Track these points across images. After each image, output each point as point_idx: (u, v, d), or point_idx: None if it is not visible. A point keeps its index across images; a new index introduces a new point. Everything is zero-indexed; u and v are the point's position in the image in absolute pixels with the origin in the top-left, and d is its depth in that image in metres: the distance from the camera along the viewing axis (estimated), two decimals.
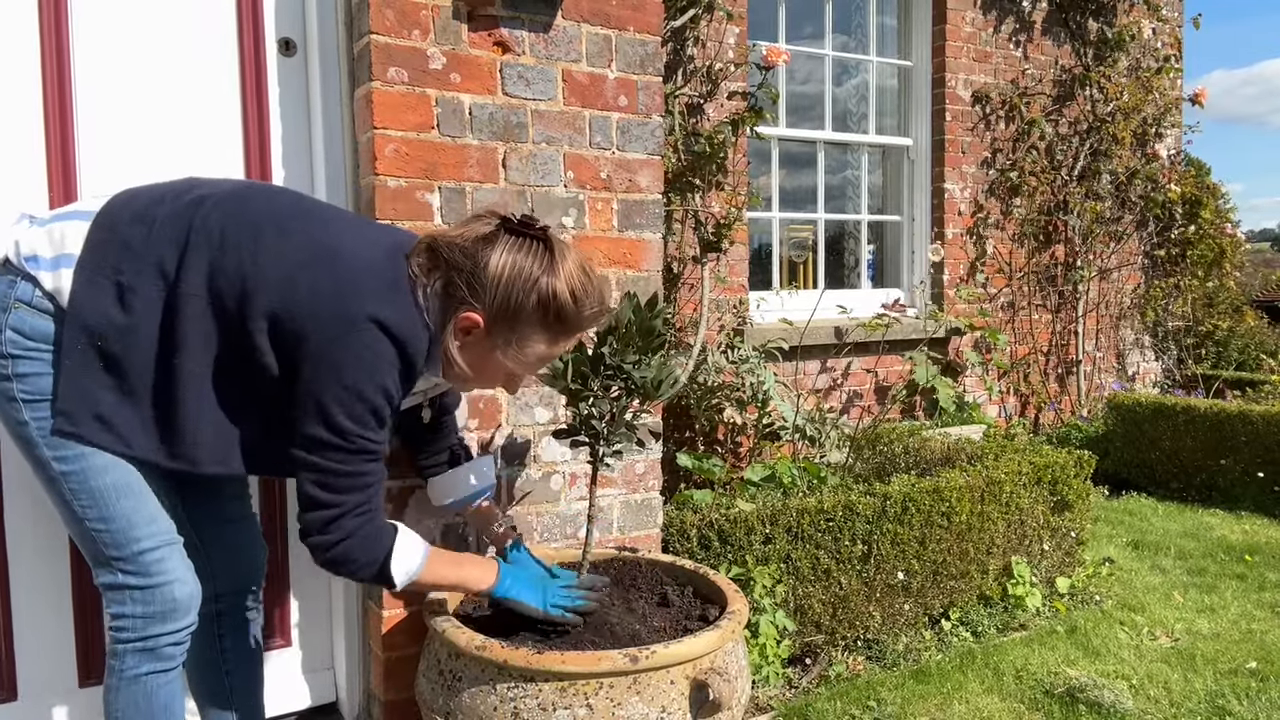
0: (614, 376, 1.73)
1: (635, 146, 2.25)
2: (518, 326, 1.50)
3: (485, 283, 1.46)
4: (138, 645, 1.54)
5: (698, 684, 1.59)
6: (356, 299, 1.43)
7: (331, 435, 1.43)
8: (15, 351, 1.46)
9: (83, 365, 1.45)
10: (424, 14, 1.97)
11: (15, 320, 1.45)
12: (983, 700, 2.43)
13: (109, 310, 1.44)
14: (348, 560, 1.50)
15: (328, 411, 1.42)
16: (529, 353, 1.53)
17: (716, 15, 3.82)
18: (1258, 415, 4.18)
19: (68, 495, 1.50)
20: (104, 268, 1.45)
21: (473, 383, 1.62)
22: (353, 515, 1.48)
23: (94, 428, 1.46)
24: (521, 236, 1.49)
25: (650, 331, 1.69)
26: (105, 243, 1.46)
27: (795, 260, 4.83)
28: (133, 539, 1.52)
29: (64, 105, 1.91)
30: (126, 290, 1.44)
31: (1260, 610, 3.06)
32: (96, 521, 1.51)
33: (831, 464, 3.41)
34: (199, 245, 1.45)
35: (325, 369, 1.42)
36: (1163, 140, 5.62)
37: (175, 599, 1.55)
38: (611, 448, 1.78)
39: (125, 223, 1.47)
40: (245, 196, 1.54)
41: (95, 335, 1.44)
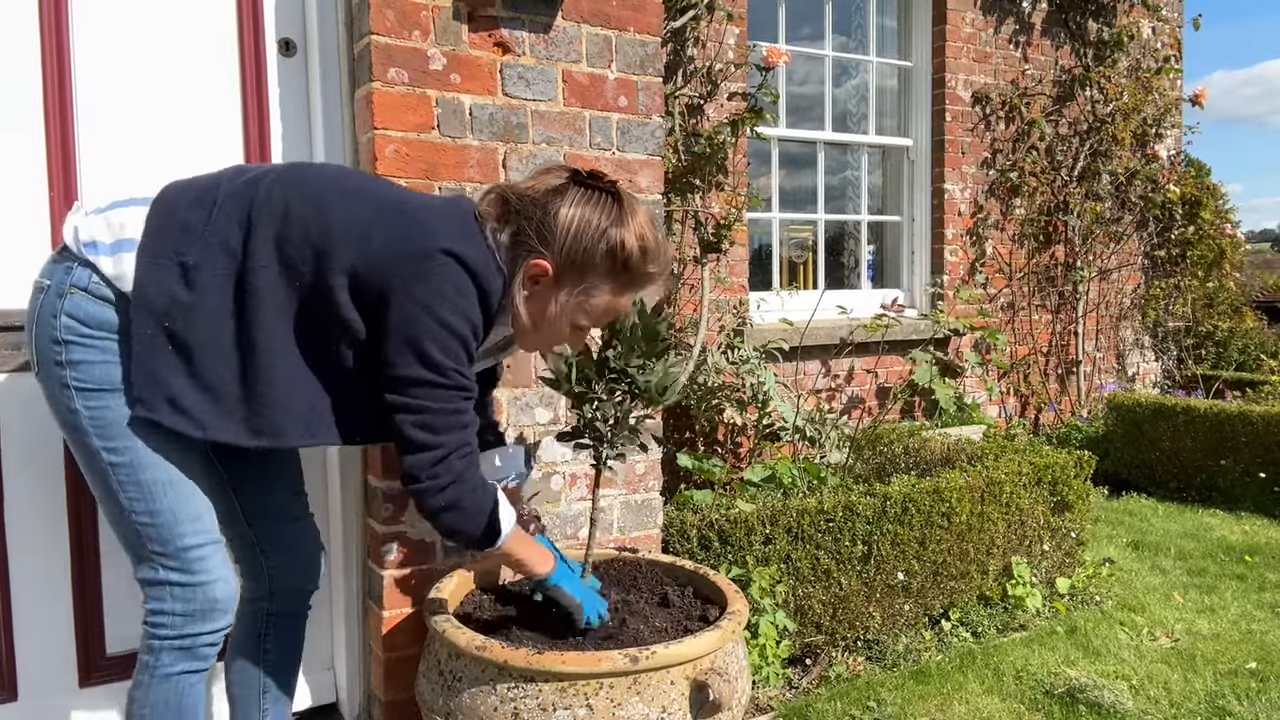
0: (618, 380, 1.73)
1: (635, 147, 2.26)
2: (586, 275, 1.52)
3: (555, 231, 1.49)
4: (174, 643, 1.53)
5: (698, 684, 1.59)
6: (429, 237, 1.46)
7: (427, 371, 1.44)
8: (70, 338, 1.45)
9: (152, 349, 1.44)
10: (424, 15, 1.97)
11: (71, 306, 1.45)
12: (983, 701, 2.43)
13: (173, 289, 1.43)
14: (458, 506, 1.50)
15: (421, 347, 1.43)
16: (595, 303, 1.55)
17: (716, 16, 3.82)
18: (1258, 416, 4.18)
19: (115, 487, 1.48)
20: (165, 250, 1.45)
21: (537, 335, 1.60)
22: (457, 457, 1.49)
23: (167, 411, 1.44)
24: (591, 189, 1.52)
25: (655, 336, 1.70)
26: (164, 226, 1.46)
27: (795, 261, 4.83)
28: (178, 534, 1.51)
29: (64, 105, 1.91)
30: (191, 269, 1.44)
31: (1260, 610, 3.06)
32: (143, 515, 1.49)
33: (831, 464, 3.41)
34: (262, 220, 1.46)
35: (412, 306, 1.43)
36: (1163, 141, 5.62)
37: (216, 598, 1.54)
38: (614, 451, 1.78)
39: (184, 207, 1.48)
40: (299, 172, 1.56)
41: (161, 317, 1.43)
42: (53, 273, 1.49)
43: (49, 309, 1.46)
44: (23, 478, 1.90)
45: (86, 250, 1.47)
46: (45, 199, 1.90)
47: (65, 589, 1.95)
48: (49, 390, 1.49)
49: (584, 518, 2.25)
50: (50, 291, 1.47)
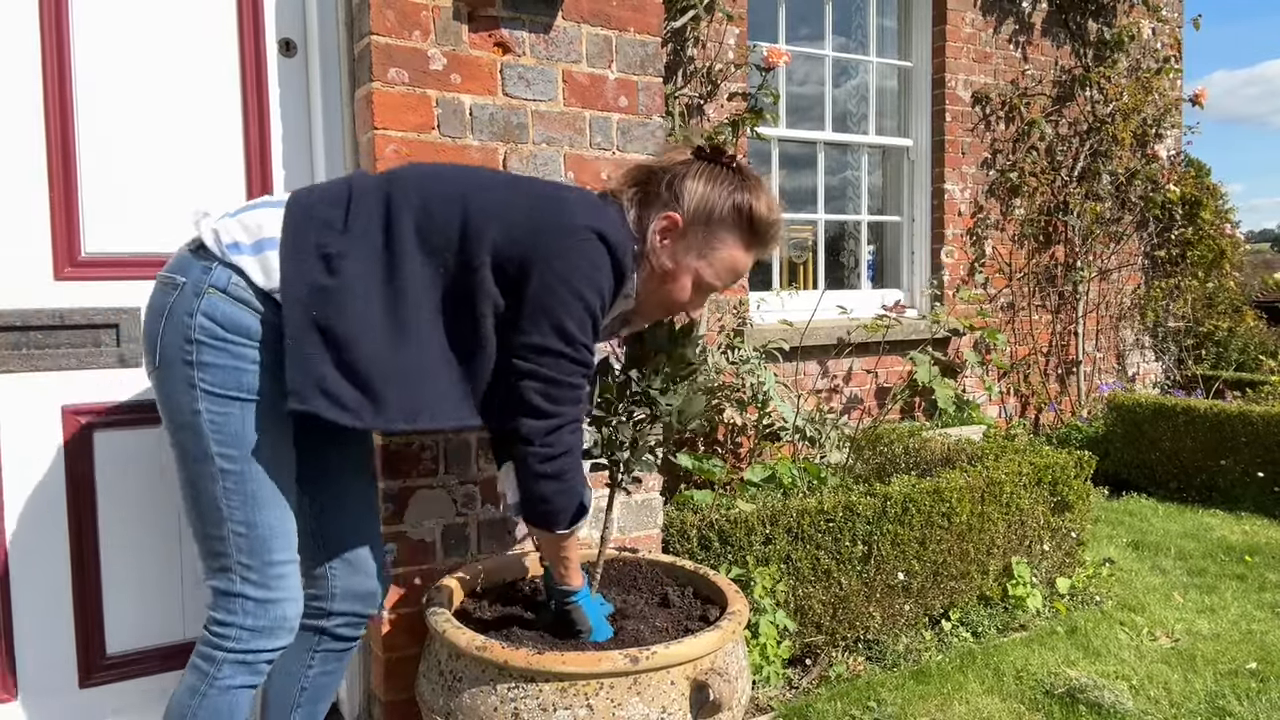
0: (639, 403, 1.73)
1: (635, 147, 2.25)
2: (712, 226, 1.61)
3: (684, 191, 1.60)
4: (238, 658, 1.51)
5: (698, 684, 1.59)
6: (570, 214, 1.54)
7: (558, 341, 1.50)
8: (203, 338, 1.43)
9: (303, 342, 1.44)
10: (424, 15, 1.97)
11: (208, 306, 1.44)
12: (983, 701, 2.43)
13: (317, 278, 1.45)
14: (561, 477, 1.54)
15: (556, 317, 1.49)
16: (720, 256, 1.64)
17: (717, 16, 3.82)
18: (1258, 416, 4.18)
19: (219, 493, 1.46)
20: (307, 245, 1.47)
21: (660, 292, 1.66)
22: (569, 430, 1.54)
23: (323, 403, 1.44)
24: (715, 163, 1.64)
25: (683, 360, 1.73)
26: (304, 223, 1.49)
27: (795, 261, 4.83)
28: (268, 549, 1.50)
29: (64, 105, 1.91)
30: (334, 258, 1.46)
31: (1260, 611, 3.06)
32: (240, 525, 1.48)
33: (832, 464, 3.41)
34: (401, 210, 1.50)
35: (552, 278, 1.49)
36: (1162, 141, 5.62)
37: (287, 617, 1.54)
38: (630, 475, 1.78)
39: (321, 205, 1.52)
40: (429, 168, 1.65)
41: (308, 305, 1.44)
42: (188, 270, 1.47)
43: (184, 307, 1.44)
44: (23, 478, 1.90)
45: (230, 251, 1.46)
46: (45, 199, 1.90)
47: (65, 589, 1.95)
48: (169, 388, 1.46)
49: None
50: (186, 289, 1.45)
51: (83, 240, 1.93)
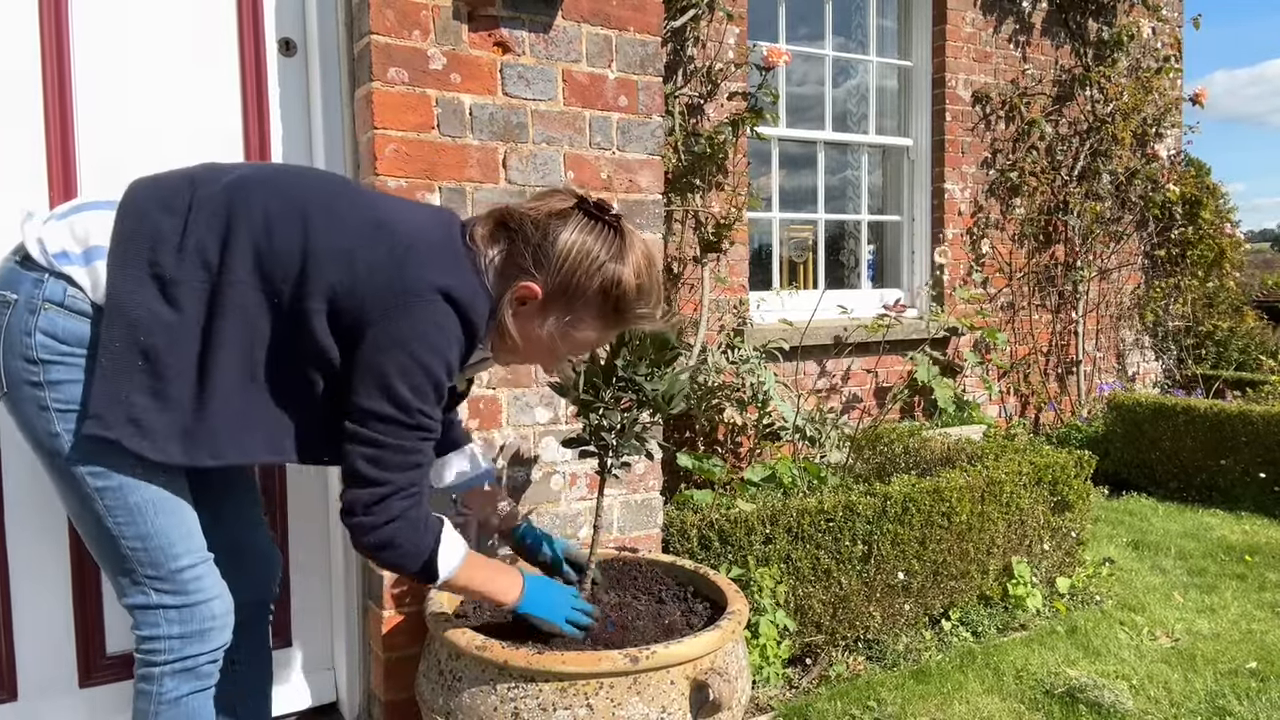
0: (625, 388, 1.73)
1: (635, 147, 2.25)
2: (575, 306, 1.48)
3: (551, 257, 1.45)
4: (176, 667, 1.47)
5: (698, 684, 1.59)
6: (418, 269, 1.40)
7: (392, 408, 1.39)
8: (46, 357, 1.36)
9: (121, 363, 1.35)
10: (424, 14, 1.97)
11: (45, 323, 1.36)
12: (983, 700, 2.43)
13: (154, 306, 1.36)
14: (393, 545, 1.43)
15: (390, 383, 1.38)
16: (578, 335, 1.52)
17: (716, 15, 3.82)
18: (1258, 415, 4.18)
19: (102, 512, 1.41)
20: (138, 260, 1.36)
21: (514, 355, 1.58)
22: (400, 497, 1.42)
23: (128, 431, 1.36)
24: (596, 220, 1.49)
25: (664, 344, 1.70)
26: (135, 232, 1.37)
27: (795, 260, 4.83)
28: (171, 556, 1.45)
29: (64, 106, 1.91)
30: (169, 284, 1.36)
31: (1260, 610, 3.06)
32: (134, 540, 1.43)
33: (832, 464, 3.41)
34: (241, 231, 1.39)
35: (389, 341, 1.38)
36: (1163, 140, 5.62)
37: (214, 616, 1.50)
38: (620, 459, 1.78)
39: (155, 211, 1.39)
40: (281, 181, 1.47)
41: (139, 330, 1.35)
42: (18, 284, 1.37)
43: (20, 326, 1.36)
44: (22, 477, 1.90)
45: (58, 261, 1.37)
46: (45, 199, 1.90)
47: (65, 588, 1.95)
48: (23, 412, 1.40)
49: (583, 517, 2.24)
50: (19, 307, 1.36)
51: None
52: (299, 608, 2.21)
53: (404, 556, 1.46)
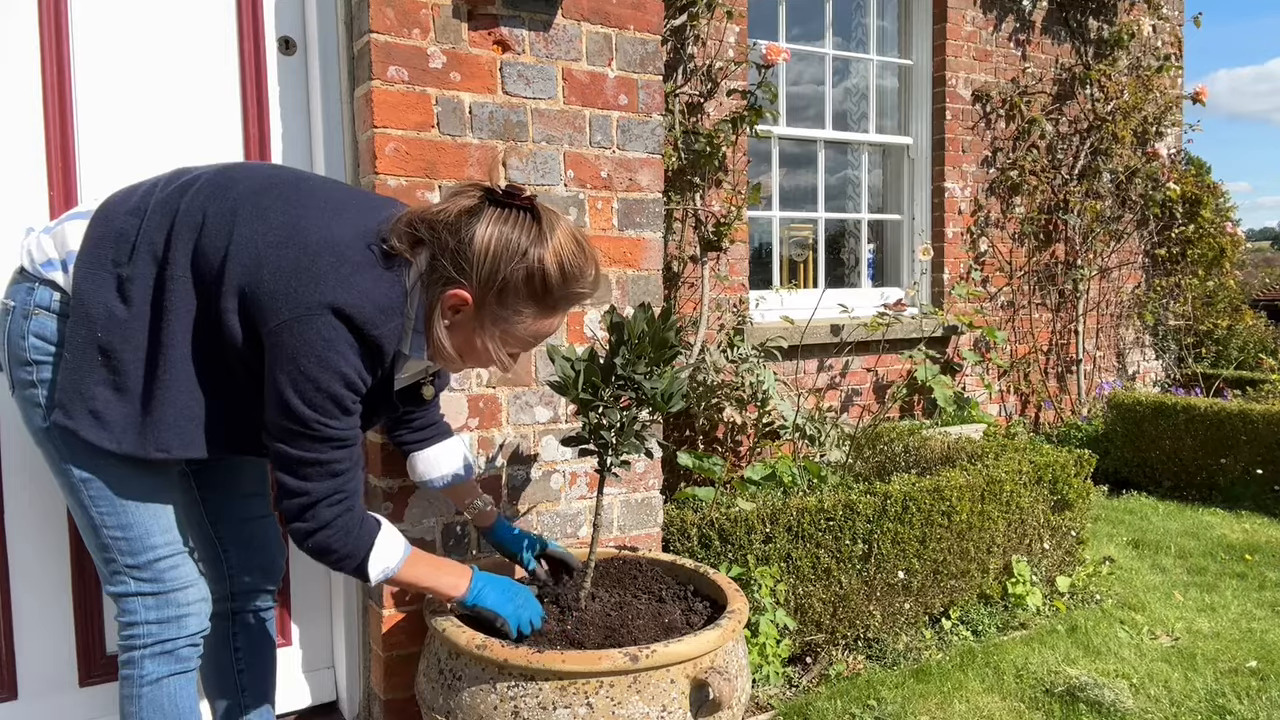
0: (625, 387, 1.73)
1: (635, 145, 2.25)
2: (506, 301, 1.43)
3: (471, 259, 1.39)
4: (154, 650, 1.54)
5: (698, 683, 1.59)
6: (312, 283, 1.38)
7: (291, 422, 1.39)
8: (39, 358, 1.47)
9: (82, 358, 1.44)
10: (424, 13, 1.97)
11: (37, 326, 1.47)
12: (983, 699, 2.43)
13: (110, 303, 1.43)
14: (327, 550, 1.47)
15: (285, 398, 1.38)
16: (519, 329, 1.47)
17: (717, 14, 3.81)
18: (1258, 414, 4.18)
19: (87, 502, 1.50)
20: (104, 261, 1.44)
21: (463, 363, 1.53)
22: (326, 505, 1.44)
23: (88, 423, 1.44)
24: (507, 208, 1.42)
25: (664, 343, 1.70)
26: (102, 236, 1.46)
27: (795, 259, 4.83)
28: (149, 547, 1.53)
29: (64, 105, 1.91)
30: (125, 281, 1.44)
31: (1260, 609, 3.06)
32: (115, 529, 1.51)
33: (831, 463, 3.41)
34: (183, 229, 1.44)
35: (282, 354, 1.38)
36: (1163, 139, 5.62)
37: (187, 603, 1.56)
38: (619, 458, 1.78)
39: (121, 215, 1.47)
40: (229, 177, 1.50)
41: (96, 326, 1.43)
42: (16, 294, 1.50)
43: (16, 331, 1.48)
44: (22, 477, 1.90)
45: (44, 269, 1.48)
46: (45, 199, 1.90)
47: (65, 588, 1.95)
48: (24, 410, 1.51)
49: (583, 516, 2.25)
50: (15, 313, 1.49)
51: None
52: (299, 606, 2.21)
53: (340, 561, 1.50)
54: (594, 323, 2.23)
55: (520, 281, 1.41)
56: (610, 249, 2.23)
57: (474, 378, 2.08)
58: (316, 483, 1.43)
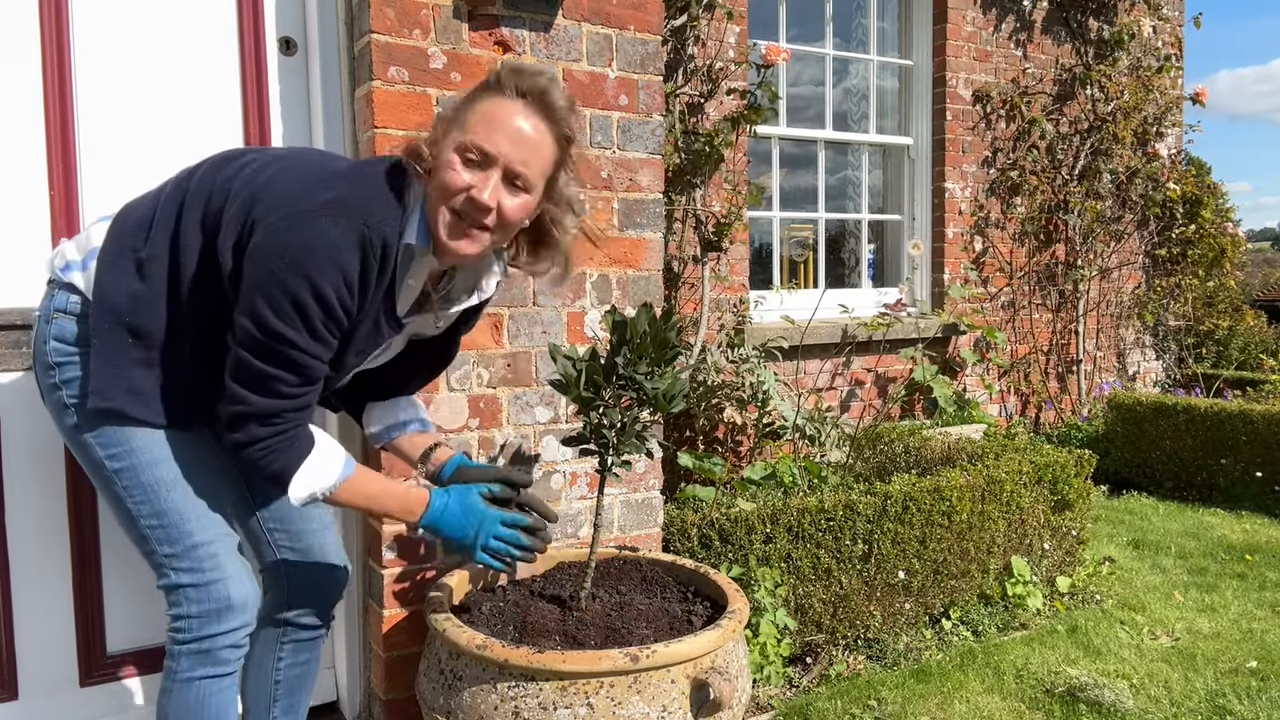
0: (626, 387, 1.73)
1: (636, 146, 2.25)
2: (465, 101, 1.47)
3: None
4: (193, 647, 1.51)
5: (698, 683, 1.59)
6: (311, 184, 1.40)
7: (248, 323, 1.36)
8: (58, 360, 1.49)
9: (112, 342, 1.46)
10: (425, 13, 1.97)
11: (56, 330, 1.50)
12: (983, 699, 2.43)
13: (130, 285, 1.46)
14: (254, 467, 1.44)
15: (251, 299, 1.36)
16: (473, 111, 1.44)
17: (717, 14, 3.81)
18: (1258, 415, 4.18)
19: (121, 493, 1.49)
20: (125, 250, 1.48)
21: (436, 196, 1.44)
22: (259, 423, 1.40)
23: (128, 400, 1.45)
24: None
25: (665, 343, 1.70)
26: (123, 230, 1.51)
27: (796, 259, 4.83)
28: (185, 533, 1.50)
29: (64, 105, 1.91)
30: (145, 262, 1.47)
31: (1261, 609, 3.06)
32: (150, 518, 1.49)
33: (832, 463, 3.41)
34: (193, 202, 1.47)
35: (260, 253, 1.36)
36: (1163, 139, 5.62)
37: (228, 596, 1.51)
38: (620, 458, 1.78)
39: (141, 206, 1.53)
40: (238, 150, 1.56)
41: (119, 312, 1.45)
42: (42, 303, 1.55)
43: (41, 337, 1.52)
44: (24, 477, 1.90)
45: (63, 273, 1.52)
46: (45, 199, 1.90)
47: (66, 588, 1.95)
48: (54, 414, 1.53)
49: (584, 516, 2.25)
50: (41, 320, 1.53)
51: None
52: None
53: (269, 479, 1.47)
54: (595, 323, 2.23)
55: (464, 96, 1.48)
56: (611, 249, 2.23)
57: (474, 378, 2.08)
58: (259, 397, 1.39)
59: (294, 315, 1.35)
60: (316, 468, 1.48)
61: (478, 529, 1.60)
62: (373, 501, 1.57)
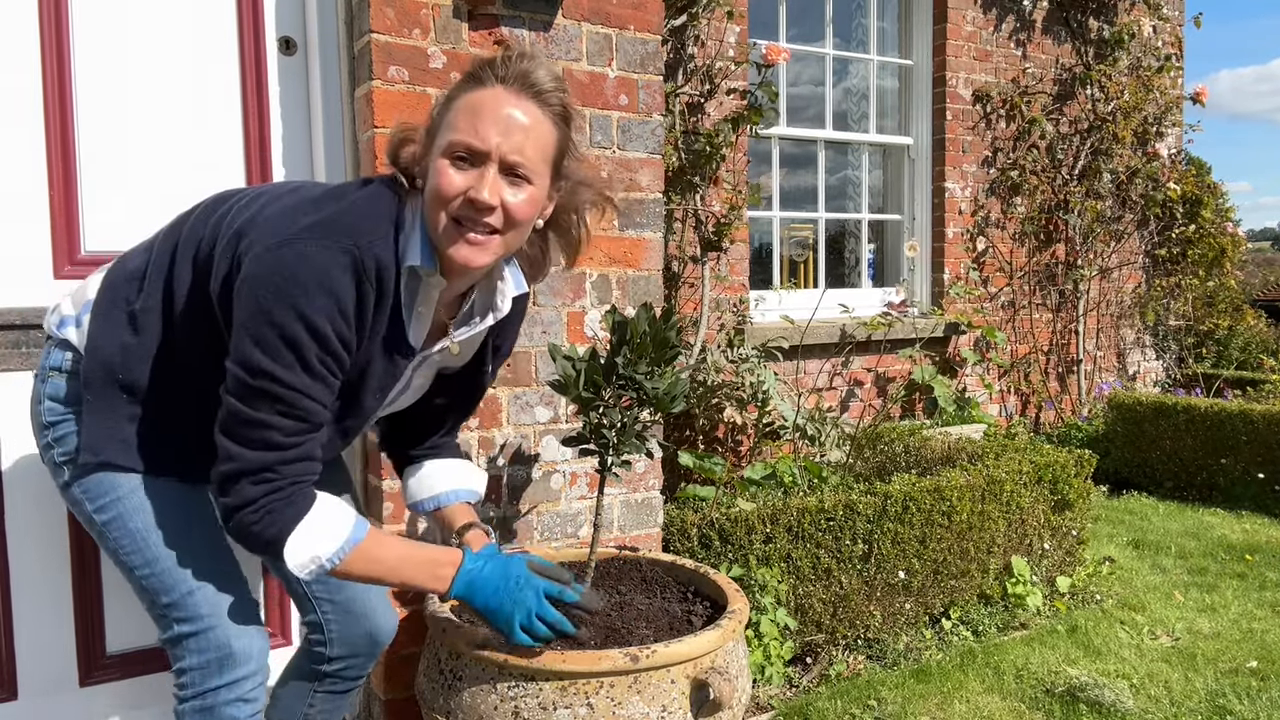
0: (626, 387, 1.72)
1: (636, 145, 2.25)
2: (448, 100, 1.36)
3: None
4: (195, 704, 1.40)
5: (698, 683, 1.59)
6: (296, 211, 1.30)
7: (235, 365, 1.24)
8: (51, 419, 1.44)
9: (104, 398, 1.40)
10: (424, 13, 1.97)
11: (51, 389, 1.45)
12: (983, 699, 2.43)
13: (123, 337, 1.41)
14: (246, 535, 1.28)
15: (238, 339, 1.24)
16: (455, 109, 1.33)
17: (717, 14, 3.81)
18: (1258, 414, 4.18)
19: (114, 546, 1.41)
20: (118, 301, 1.43)
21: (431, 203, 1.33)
22: (252, 481, 1.25)
23: (118, 450, 1.39)
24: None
25: (665, 343, 1.70)
26: (116, 280, 1.46)
27: (796, 259, 4.83)
28: (180, 579, 1.40)
29: (64, 105, 1.90)
30: (139, 314, 1.41)
31: (1261, 609, 3.06)
32: (143, 568, 1.40)
33: (832, 463, 3.41)
34: (185, 251, 1.40)
35: (245, 288, 1.25)
36: (1163, 139, 5.62)
37: (228, 644, 1.39)
38: (620, 457, 1.78)
39: (134, 255, 1.48)
40: (229, 190, 1.49)
41: (112, 366, 1.39)
42: (41, 359, 1.49)
43: (36, 397, 1.47)
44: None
45: (58, 330, 1.47)
46: (45, 197, 1.90)
47: (65, 587, 1.95)
48: (51, 473, 1.47)
49: (584, 516, 2.25)
50: (37, 380, 1.48)
51: (83, 239, 1.93)
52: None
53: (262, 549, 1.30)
54: (594, 322, 2.23)
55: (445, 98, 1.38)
56: (611, 249, 2.23)
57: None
58: (250, 450, 1.24)
59: (284, 351, 1.23)
60: (318, 528, 1.30)
61: (517, 601, 1.42)
62: (392, 571, 1.39)
